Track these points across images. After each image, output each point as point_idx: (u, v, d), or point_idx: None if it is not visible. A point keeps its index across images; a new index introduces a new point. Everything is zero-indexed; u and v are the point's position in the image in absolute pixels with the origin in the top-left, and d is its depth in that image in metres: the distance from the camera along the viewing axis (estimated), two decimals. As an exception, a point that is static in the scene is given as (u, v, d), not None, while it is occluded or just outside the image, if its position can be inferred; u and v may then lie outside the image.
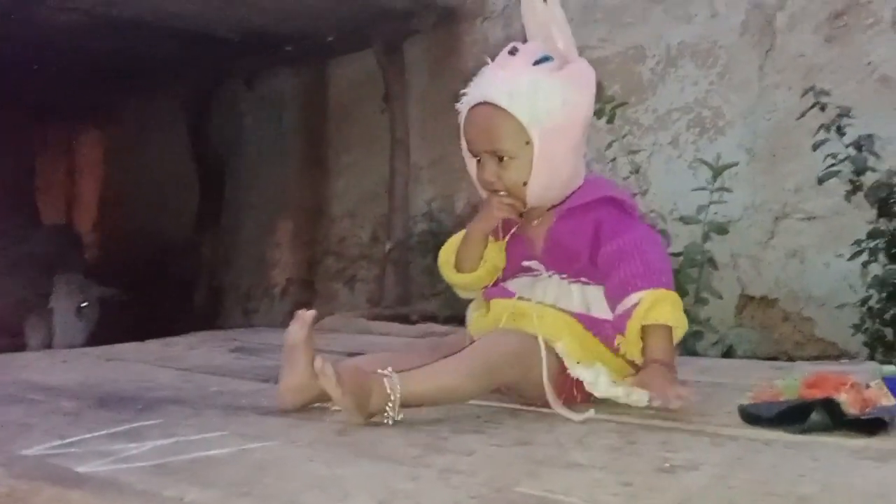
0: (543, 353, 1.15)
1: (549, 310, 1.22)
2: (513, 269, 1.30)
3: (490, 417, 1.16)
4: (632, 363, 1.24)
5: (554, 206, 1.27)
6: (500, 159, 1.21)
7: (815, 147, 2.21)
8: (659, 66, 2.90)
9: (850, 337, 2.29)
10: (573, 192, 1.26)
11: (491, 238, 1.30)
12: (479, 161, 1.25)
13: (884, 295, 2.12)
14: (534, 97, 1.18)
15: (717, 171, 2.27)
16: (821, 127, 2.20)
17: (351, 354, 1.24)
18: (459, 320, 1.52)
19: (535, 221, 1.28)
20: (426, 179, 3.56)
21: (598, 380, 1.17)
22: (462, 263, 1.31)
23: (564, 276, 1.25)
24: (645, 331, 1.18)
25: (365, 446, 1.00)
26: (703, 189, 2.27)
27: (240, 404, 1.30)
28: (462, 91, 1.27)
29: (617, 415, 1.15)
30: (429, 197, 3.48)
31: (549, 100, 1.18)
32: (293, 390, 1.18)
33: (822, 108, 2.20)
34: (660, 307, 1.17)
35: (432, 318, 2.89)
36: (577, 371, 1.17)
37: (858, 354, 2.27)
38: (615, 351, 1.22)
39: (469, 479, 0.84)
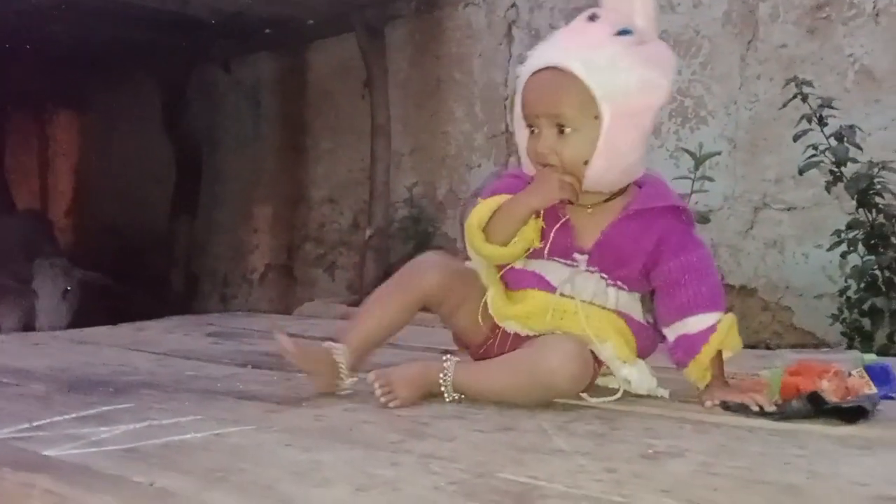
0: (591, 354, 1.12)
1: (594, 308, 1.16)
2: (546, 252, 1.19)
3: (472, 402, 1.15)
4: None
5: (612, 199, 1.17)
6: (561, 130, 1.11)
7: (796, 138, 2.21)
8: (642, 54, 2.89)
9: (828, 327, 2.31)
10: (639, 191, 1.18)
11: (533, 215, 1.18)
12: (532, 132, 1.15)
13: (862, 285, 2.13)
14: (612, 70, 1.08)
15: (700, 160, 2.27)
16: (802, 118, 2.20)
17: (326, 339, 1.21)
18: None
19: (590, 210, 1.18)
20: (407, 166, 3.52)
21: (642, 377, 1.16)
22: (495, 234, 1.17)
23: (605, 276, 1.18)
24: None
25: (343, 432, 0.98)
26: (685, 178, 2.27)
27: (215, 389, 1.27)
28: (524, 53, 1.17)
29: (601, 402, 1.14)
30: (410, 183, 3.44)
31: (628, 76, 1.08)
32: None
33: (804, 99, 2.20)
34: (733, 334, 1.14)
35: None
36: (623, 373, 1.15)
37: (837, 344, 2.28)
38: (643, 349, 1.20)
39: (450, 465, 0.82)
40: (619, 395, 1.16)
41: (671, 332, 1.16)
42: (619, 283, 1.19)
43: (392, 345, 1.32)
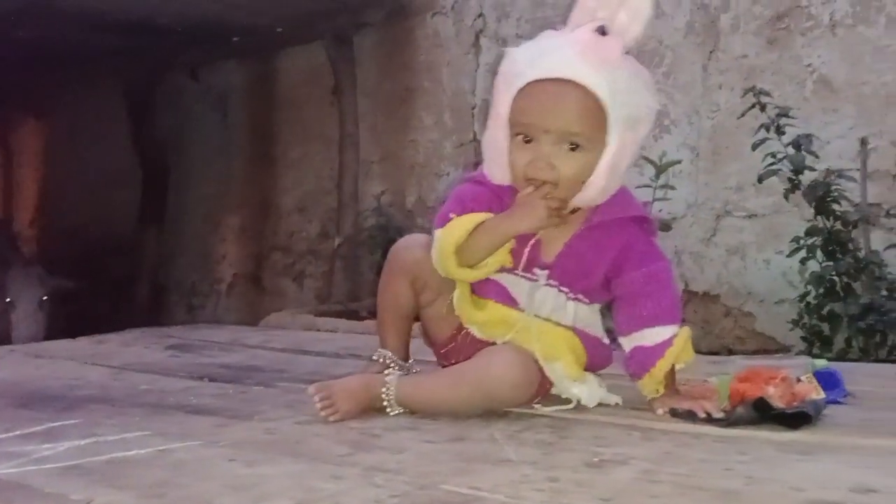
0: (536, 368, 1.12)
1: (549, 327, 1.17)
2: (516, 267, 1.18)
3: (426, 414, 1.14)
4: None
5: (575, 211, 1.15)
6: (573, 148, 1.07)
7: (755, 146, 2.25)
8: (607, 64, 2.92)
9: (788, 332, 2.34)
10: (607, 202, 1.15)
11: None
12: (525, 142, 1.09)
13: (821, 291, 2.17)
14: (628, 101, 1.06)
15: (661, 169, 2.30)
16: (760, 127, 2.24)
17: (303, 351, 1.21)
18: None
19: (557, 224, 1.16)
20: (376, 174, 3.52)
21: (591, 393, 1.16)
22: (469, 255, 1.14)
23: (565, 289, 1.18)
24: None
25: (290, 445, 0.97)
26: (647, 186, 2.30)
27: (167, 403, 1.26)
28: (499, 56, 1.12)
29: (551, 413, 1.15)
30: (378, 192, 3.44)
31: (638, 108, 1.07)
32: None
33: (762, 109, 2.24)
34: (687, 347, 1.15)
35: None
36: (572, 391, 1.15)
37: (794, 348, 2.32)
38: (595, 363, 1.21)
39: (394, 478, 0.82)
40: (572, 405, 1.16)
41: (628, 342, 1.17)
42: (580, 296, 1.19)
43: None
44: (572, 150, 1.08)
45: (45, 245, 4.92)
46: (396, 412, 1.14)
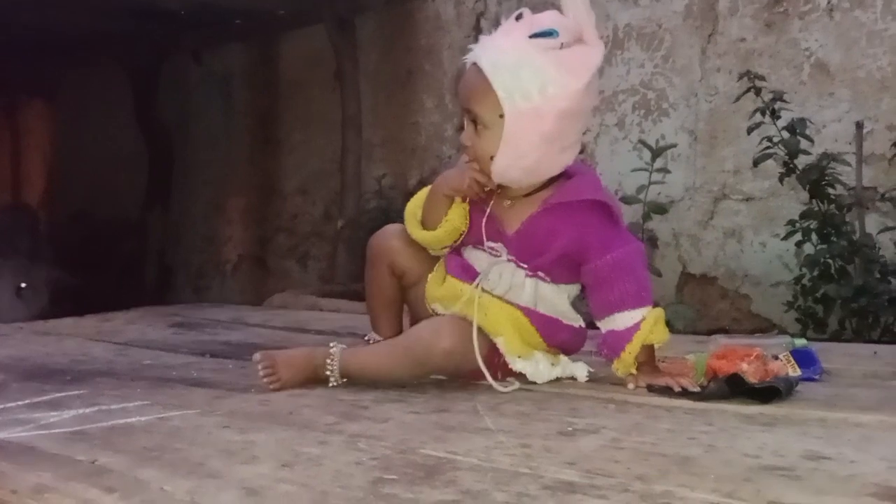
0: (478, 354, 1.15)
1: (495, 303, 1.20)
2: (474, 239, 1.25)
3: (415, 387, 1.20)
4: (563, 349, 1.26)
5: (535, 193, 1.21)
6: (477, 126, 1.17)
7: (750, 130, 2.27)
8: (606, 47, 2.94)
9: (783, 314, 2.37)
10: (562, 186, 1.21)
11: (458, 199, 1.24)
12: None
13: (815, 273, 2.20)
14: (515, 72, 1.11)
15: (657, 153, 2.33)
16: (756, 110, 2.26)
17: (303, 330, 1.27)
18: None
19: (507, 202, 1.23)
20: (378, 157, 3.56)
21: (537, 370, 1.20)
22: (426, 220, 1.26)
23: (524, 266, 1.22)
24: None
25: (282, 415, 1.02)
26: (643, 170, 2.33)
27: (169, 377, 1.31)
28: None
29: (535, 384, 1.20)
30: (380, 174, 3.48)
31: (529, 79, 1.11)
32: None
33: (757, 93, 2.26)
34: (658, 328, 1.19)
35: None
36: (517, 365, 1.19)
37: (789, 329, 2.35)
38: (552, 345, 1.24)
39: (376, 444, 0.87)
40: (515, 386, 1.18)
41: (602, 326, 1.22)
42: (539, 273, 1.23)
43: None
44: (479, 128, 1.17)
45: (52, 226, 4.99)
46: (337, 383, 1.19)
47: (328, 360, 1.19)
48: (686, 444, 0.86)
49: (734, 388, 1.09)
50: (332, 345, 1.21)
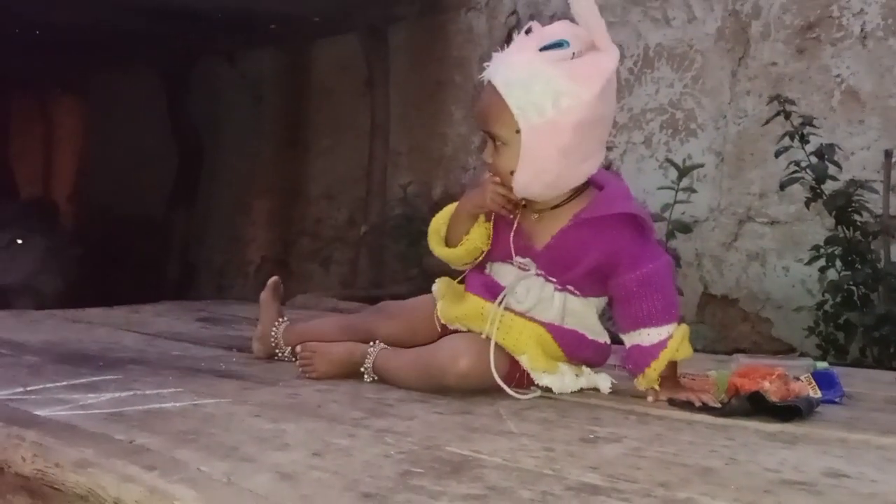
0: (496, 375, 1.16)
1: (518, 322, 1.20)
2: (501, 254, 1.25)
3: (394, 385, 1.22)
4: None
5: (563, 205, 1.21)
6: (497, 144, 1.17)
7: (778, 154, 2.28)
8: (636, 66, 2.96)
9: (804, 339, 2.37)
10: (593, 198, 1.20)
11: (481, 219, 1.24)
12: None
13: (838, 300, 2.19)
14: (527, 87, 1.11)
15: (683, 172, 2.34)
16: (785, 134, 2.27)
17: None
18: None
19: (535, 216, 1.22)
20: (404, 165, 3.60)
21: (563, 383, 1.21)
22: (449, 237, 1.27)
23: (553, 280, 1.22)
24: None
25: (311, 408, 1.05)
26: (669, 188, 2.34)
27: (198, 367, 1.35)
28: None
29: (556, 395, 1.21)
30: (405, 182, 3.52)
31: (542, 93, 1.11)
32: (257, 339, 1.43)
33: (787, 117, 2.27)
34: (684, 345, 1.19)
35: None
36: (543, 381, 1.20)
37: (808, 355, 2.34)
38: (575, 360, 1.25)
39: (403, 439, 0.90)
40: (536, 393, 1.20)
41: (627, 340, 1.22)
42: (568, 287, 1.22)
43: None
44: (497, 145, 1.17)
45: (78, 220, 5.09)
46: (371, 379, 1.25)
47: (367, 359, 1.25)
48: (707, 456, 0.88)
49: (756, 406, 1.10)
50: (371, 344, 1.26)
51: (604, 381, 1.25)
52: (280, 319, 1.44)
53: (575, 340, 1.23)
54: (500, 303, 1.20)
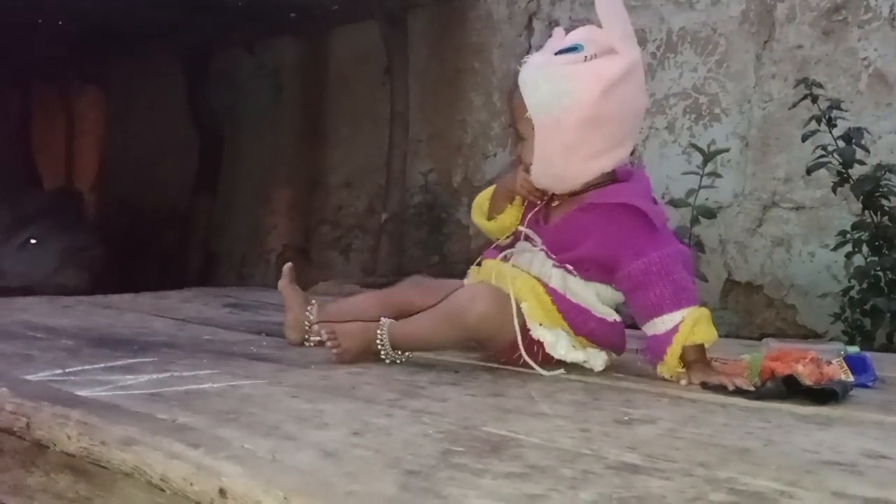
0: (514, 307, 1.23)
1: (523, 275, 1.28)
2: (520, 232, 1.36)
3: (468, 373, 1.23)
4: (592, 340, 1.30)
5: (580, 194, 1.29)
6: (522, 139, 1.29)
7: (805, 138, 2.25)
8: (659, 50, 2.94)
9: (830, 325, 2.35)
10: (606, 188, 1.27)
11: (516, 201, 1.38)
12: None
13: (864, 286, 2.17)
14: (535, 87, 1.23)
15: (708, 157, 2.32)
16: (811, 118, 2.24)
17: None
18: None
19: (556, 203, 1.33)
20: (424, 153, 3.60)
21: (557, 342, 1.24)
22: (489, 211, 1.41)
23: (553, 257, 1.29)
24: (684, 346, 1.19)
25: (345, 389, 1.06)
26: (694, 174, 2.32)
27: (231, 351, 1.37)
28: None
29: (586, 375, 1.22)
30: (426, 170, 3.52)
31: (548, 93, 1.21)
32: (290, 327, 1.45)
33: (814, 100, 2.24)
34: (699, 328, 1.19)
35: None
36: (538, 332, 1.24)
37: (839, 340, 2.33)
38: (580, 334, 1.27)
39: (440, 419, 0.90)
40: (560, 371, 1.23)
41: (646, 332, 1.24)
42: (567, 265, 1.28)
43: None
44: (521, 139, 1.29)
45: (101, 210, 5.14)
46: (388, 357, 1.27)
47: (379, 332, 1.27)
48: (744, 437, 0.88)
49: (791, 389, 1.10)
50: (381, 320, 1.29)
51: (597, 359, 1.27)
52: (311, 304, 1.45)
53: (574, 309, 1.27)
54: (506, 256, 1.32)
